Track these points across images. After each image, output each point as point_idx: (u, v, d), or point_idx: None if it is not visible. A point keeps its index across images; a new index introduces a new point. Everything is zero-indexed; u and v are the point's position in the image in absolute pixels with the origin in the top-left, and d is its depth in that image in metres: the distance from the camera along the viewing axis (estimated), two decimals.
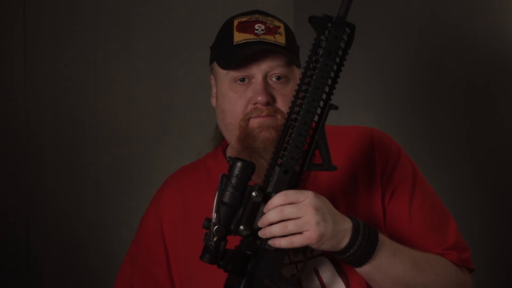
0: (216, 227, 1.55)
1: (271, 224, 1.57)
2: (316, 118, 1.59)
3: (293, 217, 1.56)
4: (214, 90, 1.87)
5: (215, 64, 1.83)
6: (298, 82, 1.82)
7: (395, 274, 1.69)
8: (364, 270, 1.66)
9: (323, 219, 1.57)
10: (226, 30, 1.81)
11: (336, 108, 1.60)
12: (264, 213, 1.58)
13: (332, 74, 1.59)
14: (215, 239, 1.55)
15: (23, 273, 2.72)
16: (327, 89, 1.59)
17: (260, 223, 1.57)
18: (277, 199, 1.57)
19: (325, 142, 1.60)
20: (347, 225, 1.62)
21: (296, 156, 1.58)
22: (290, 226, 1.56)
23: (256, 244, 1.59)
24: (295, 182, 1.60)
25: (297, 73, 1.82)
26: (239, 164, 1.55)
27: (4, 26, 2.71)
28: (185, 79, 2.87)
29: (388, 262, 1.67)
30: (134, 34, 2.88)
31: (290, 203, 1.57)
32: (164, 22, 2.92)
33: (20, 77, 2.73)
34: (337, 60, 1.59)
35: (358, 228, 1.62)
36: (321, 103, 1.59)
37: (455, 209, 1.99)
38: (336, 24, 1.57)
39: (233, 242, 1.60)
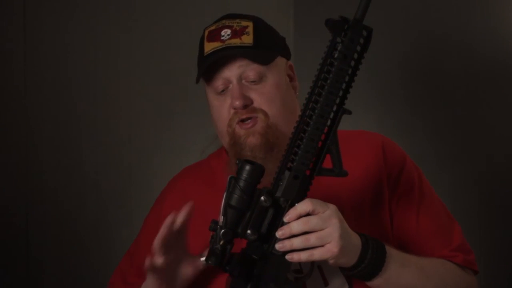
0: (223, 230, 1.54)
1: (292, 235, 1.55)
2: (328, 122, 1.58)
3: (317, 229, 1.54)
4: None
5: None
6: (288, 72, 1.85)
7: (405, 284, 1.70)
8: (374, 283, 1.66)
9: (345, 232, 1.57)
10: (200, 43, 1.84)
11: (349, 113, 1.58)
12: (283, 222, 1.56)
13: (347, 78, 1.57)
14: (221, 242, 1.54)
15: (23, 273, 2.71)
16: (341, 93, 1.57)
17: (280, 234, 1.55)
18: (303, 206, 1.55)
19: (337, 147, 1.59)
20: (358, 240, 1.62)
21: (306, 162, 1.57)
22: (313, 240, 1.54)
23: (263, 249, 1.57)
24: (305, 187, 1.58)
25: (280, 65, 1.82)
26: (247, 167, 1.54)
27: (4, 26, 2.71)
28: (187, 78, 2.85)
29: (397, 273, 1.67)
30: (135, 33, 2.87)
31: (314, 213, 1.55)
32: (165, 21, 2.91)
33: (20, 77, 2.72)
34: (352, 64, 1.57)
35: (367, 242, 1.63)
36: (335, 108, 1.58)
37: (455, 209, 1.99)
38: (353, 27, 1.55)
39: (238, 245, 1.59)
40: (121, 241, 2.71)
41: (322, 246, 1.55)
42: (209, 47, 1.79)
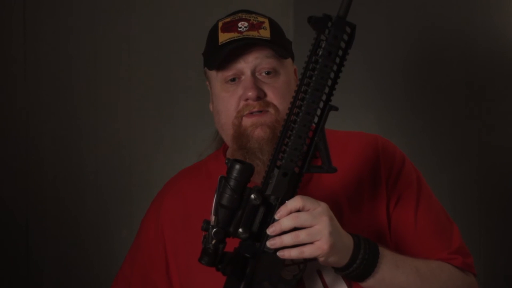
0: (214, 229, 1.54)
1: (282, 232, 1.55)
2: (316, 119, 1.58)
3: (306, 225, 1.55)
4: (210, 95, 1.87)
5: (206, 69, 1.85)
6: (294, 76, 1.85)
7: (400, 285, 1.69)
8: (368, 284, 1.66)
9: (335, 230, 1.57)
10: (212, 33, 1.83)
11: (336, 109, 1.58)
12: (274, 220, 1.57)
13: (332, 75, 1.57)
14: (213, 241, 1.54)
15: (23, 273, 2.71)
16: (327, 90, 1.57)
17: (270, 231, 1.56)
18: (293, 202, 1.56)
19: (325, 144, 1.59)
20: (349, 240, 1.62)
21: (295, 159, 1.57)
22: (302, 236, 1.55)
23: (255, 247, 1.58)
24: (295, 184, 1.59)
25: (290, 66, 1.83)
26: (237, 166, 1.54)
27: (4, 26, 2.71)
28: (186, 80, 2.87)
29: (391, 274, 1.67)
30: (135, 33, 2.87)
31: (304, 209, 1.56)
32: (165, 22, 2.91)
33: (20, 77, 2.72)
34: (337, 60, 1.57)
35: (359, 243, 1.63)
36: (321, 104, 1.58)
37: (455, 210, 1.99)
38: (336, 24, 1.55)
39: (231, 244, 1.60)
40: (121, 241, 2.73)
41: (312, 243, 1.55)
42: (225, 37, 1.78)
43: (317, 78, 1.56)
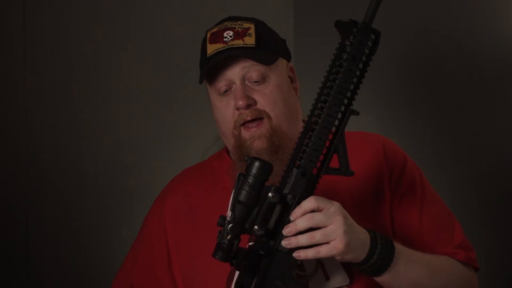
0: (230, 225, 1.56)
1: (298, 232, 1.57)
2: (336, 122, 1.60)
3: (321, 225, 1.57)
4: None
5: None
6: (290, 74, 1.87)
7: (412, 279, 1.71)
8: (383, 278, 1.68)
9: (350, 228, 1.59)
10: (202, 44, 1.85)
11: (357, 113, 1.61)
12: (289, 220, 1.58)
13: (355, 80, 1.59)
14: (229, 237, 1.56)
15: (23, 272, 2.71)
16: (348, 94, 1.59)
17: (286, 232, 1.58)
18: (308, 203, 1.58)
19: (344, 147, 1.61)
20: (366, 236, 1.64)
21: (314, 159, 1.59)
22: (318, 236, 1.57)
23: (269, 245, 1.59)
24: (312, 185, 1.61)
25: (281, 66, 1.84)
26: (256, 163, 1.56)
27: (4, 26, 2.71)
28: (188, 79, 2.86)
29: (405, 269, 1.69)
30: (135, 33, 2.88)
31: (319, 209, 1.57)
32: (165, 21, 2.91)
33: (20, 77, 2.72)
34: (361, 65, 1.60)
35: (376, 238, 1.64)
36: (342, 108, 1.60)
37: (455, 209, 2.01)
38: (361, 30, 1.58)
39: (245, 241, 1.62)
40: (121, 242, 2.72)
41: (328, 243, 1.57)
42: (211, 48, 1.80)
43: (341, 81, 1.58)
